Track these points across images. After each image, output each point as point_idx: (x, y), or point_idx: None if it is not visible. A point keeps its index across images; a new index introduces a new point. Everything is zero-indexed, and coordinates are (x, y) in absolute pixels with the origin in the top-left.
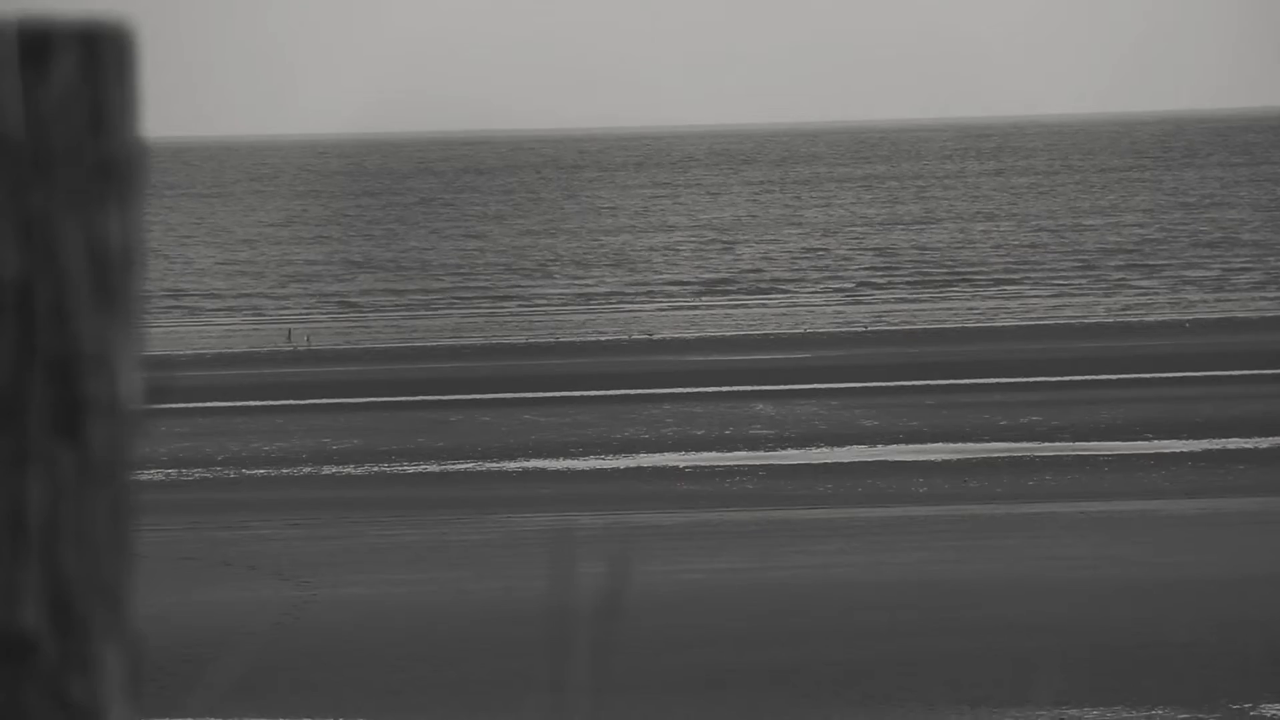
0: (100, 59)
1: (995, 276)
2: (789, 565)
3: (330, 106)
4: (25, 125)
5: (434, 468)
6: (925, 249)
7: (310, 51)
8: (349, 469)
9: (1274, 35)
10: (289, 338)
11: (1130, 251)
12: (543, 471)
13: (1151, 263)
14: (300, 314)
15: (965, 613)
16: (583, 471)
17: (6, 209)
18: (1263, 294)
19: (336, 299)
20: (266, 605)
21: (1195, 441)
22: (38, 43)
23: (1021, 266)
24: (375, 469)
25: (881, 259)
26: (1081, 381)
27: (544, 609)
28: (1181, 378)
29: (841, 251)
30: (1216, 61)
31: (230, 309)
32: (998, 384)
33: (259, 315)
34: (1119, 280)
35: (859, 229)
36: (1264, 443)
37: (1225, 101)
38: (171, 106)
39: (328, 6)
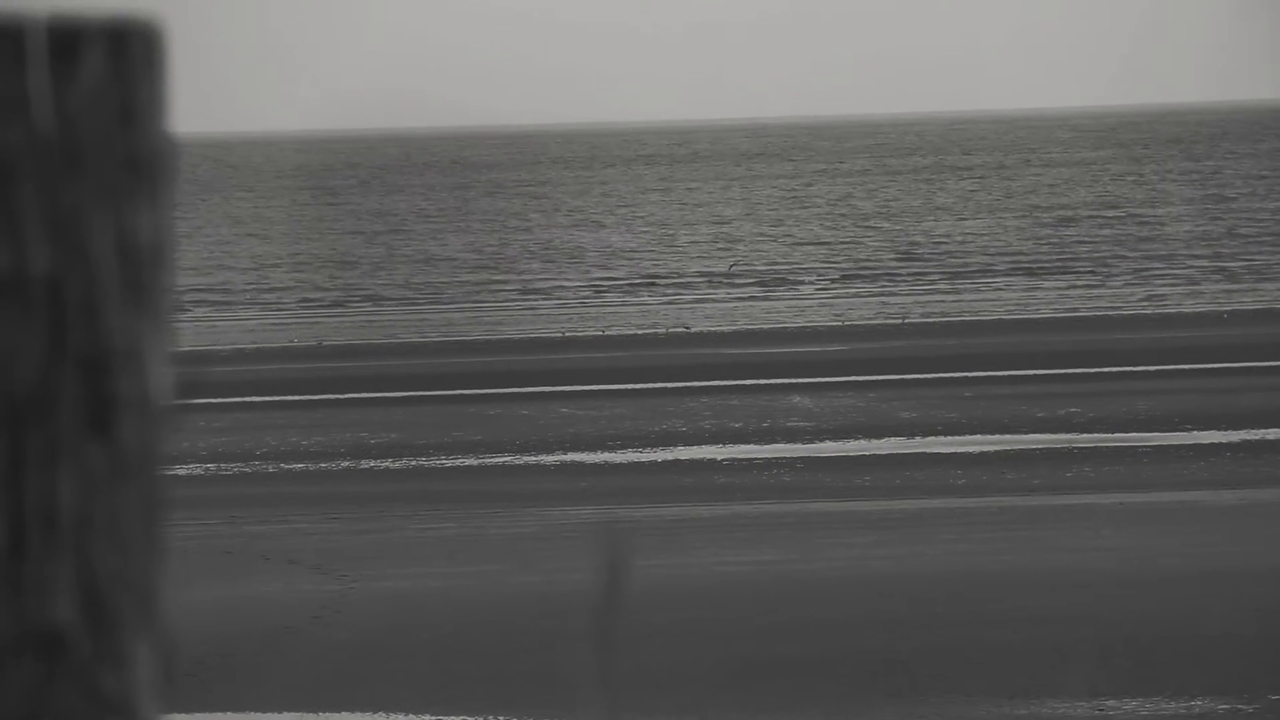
0: (129, 55)
1: (1028, 266)
2: (826, 557)
3: (313, 104)
4: (55, 121)
5: (472, 461)
6: (963, 240)
7: (293, 49)
8: (387, 463)
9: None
10: (297, 339)
11: (1170, 240)
12: (580, 465)
13: (1188, 253)
14: (332, 309)
15: (1003, 604)
16: (620, 464)
17: (37, 205)
18: None
19: (366, 293)
20: (306, 599)
21: (1234, 432)
22: (67, 39)
23: (1060, 256)
24: (413, 463)
25: (916, 250)
26: (1119, 373)
27: (583, 601)
28: (1220, 369)
29: (873, 243)
30: (1217, 55)
31: (263, 303)
32: (1035, 375)
33: (292, 310)
34: (1156, 270)
35: (889, 220)
36: None
37: (1229, 94)
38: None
39: (308, 6)
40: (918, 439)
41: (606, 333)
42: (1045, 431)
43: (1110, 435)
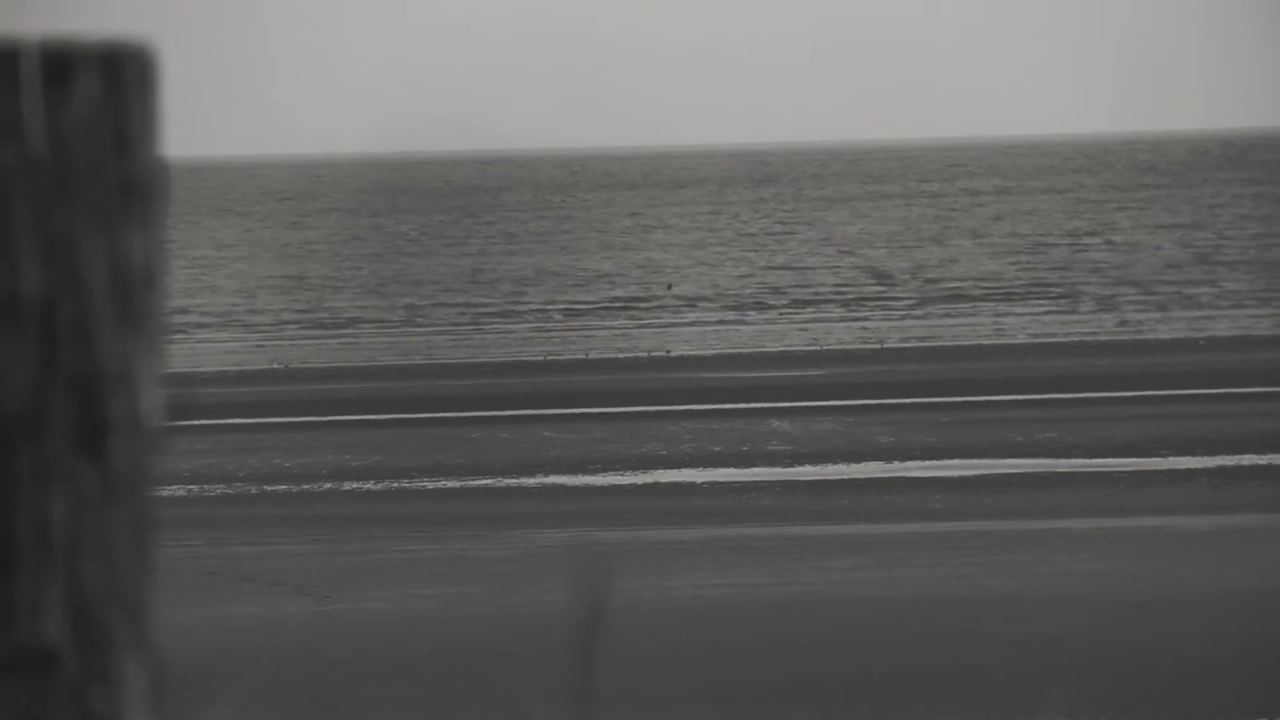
0: (122, 80)
1: (1009, 292)
2: (804, 580)
3: (324, 129)
4: (48, 144)
5: (453, 484)
6: (941, 265)
7: (295, 74)
8: (369, 485)
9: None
10: (272, 361)
11: (1144, 266)
12: (561, 487)
13: (1161, 279)
14: (313, 332)
15: (980, 627)
16: (601, 487)
17: (30, 227)
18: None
19: (348, 316)
20: (288, 620)
21: (1210, 458)
22: (60, 63)
23: (1038, 285)
24: (395, 485)
25: (895, 275)
26: (1095, 398)
27: (564, 623)
28: (1195, 394)
29: (853, 268)
30: (1222, 81)
31: (249, 325)
32: (1012, 400)
33: (274, 332)
34: (1135, 297)
35: (873, 246)
36: (1279, 459)
37: (1231, 121)
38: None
39: (308, 32)
40: (896, 463)
41: (589, 356)
42: (1023, 456)
43: (1087, 460)
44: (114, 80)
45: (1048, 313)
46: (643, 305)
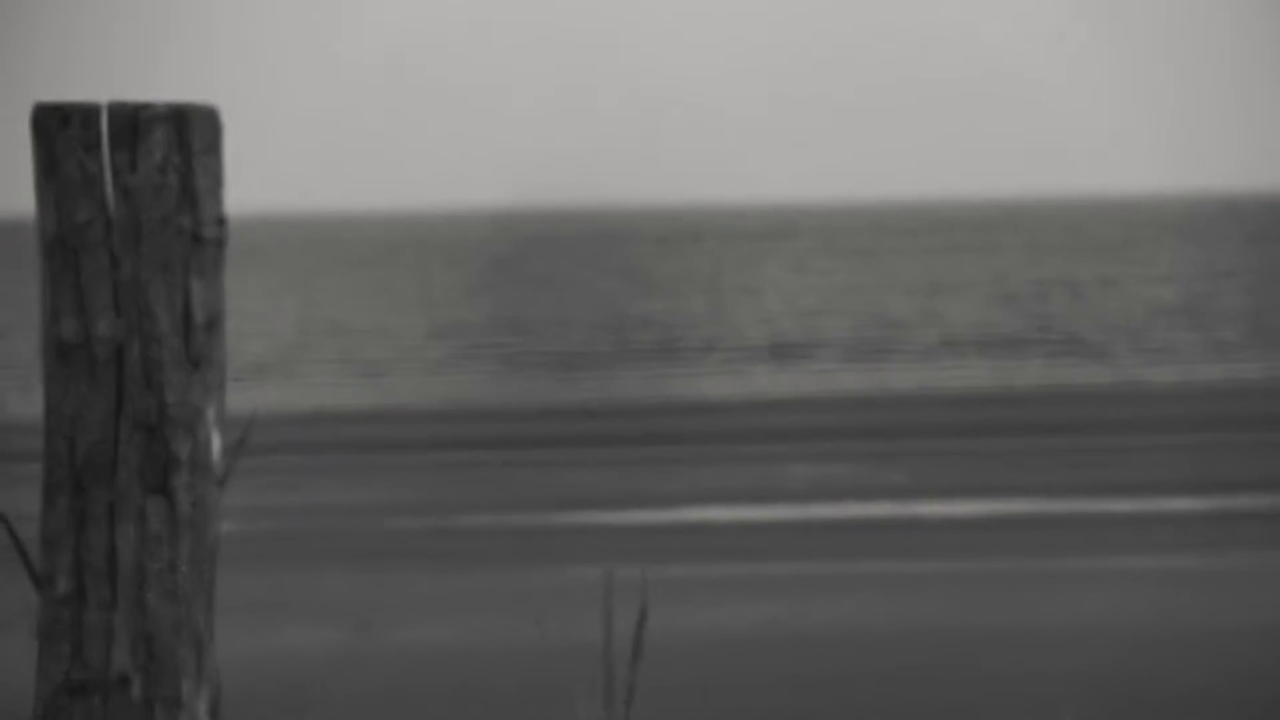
0: (188, 140)
1: (1019, 341)
2: (821, 615)
3: (458, 176)
4: (121, 199)
5: (489, 519)
6: (967, 314)
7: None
8: (407, 520)
9: None
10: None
11: (1142, 315)
12: (590, 524)
13: (1159, 328)
14: (367, 375)
15: (987, 661)
16: (628, 525)
17: (103, 276)
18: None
19: (399, 360)
20: (326, 651)
21: (1206, 499)
22: (133, 125)
23: (1039, 330)
24: (432, 520)
25: (918, 324)
26: (1101, 440)
27: (593, 656)
28: (1194, 436)
29: (877, 316)
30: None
31: (295, 370)
32: (1017, 441)
33: (319, 376)
34: (1129, 343)
35: (898, 295)
36: (1276, 499)
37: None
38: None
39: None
40: (908, 502)
41: (618, 400)
42: (1027, 496)
43: (1088, 500)
44: (181, 141)
45: (1050, 358)
46: (724, 351)
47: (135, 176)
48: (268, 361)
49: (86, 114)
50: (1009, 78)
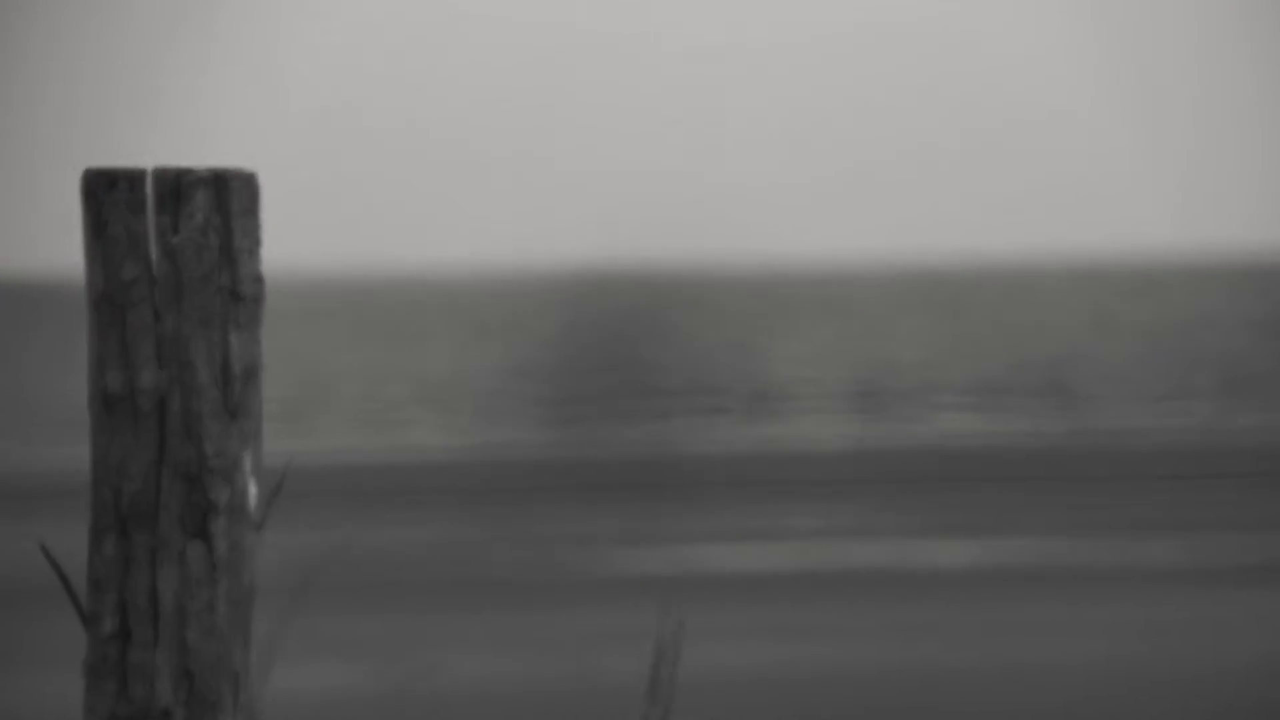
0: (227, 203)
1: (997, 389)
2: (827, 655)
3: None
4: (163, 259)
5: (527, 555)
6: (938, 367)
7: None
8: (445, 561)
9: None
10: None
11: (1129, 367)
12: (626, 567)
13: (1149, 381)
14: (394, 424)
15: (987, 700)
16: (649, 569)
17: (147, 331)
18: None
19: (441, 408)
20: (363, 691)
21: (1194, 539)
22: (176, 188)
23: (1027, 382)
24: (469, 561)
25: (889, 375)
26: (1094, 488)
27: (628, 695)
28: (1183, 480)
29: (886, 369)
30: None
31: (319, 418)
32: (1011, 489)
33: (347, 424)
34: (1115, 395)
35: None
36: (1262, 540)
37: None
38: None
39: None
40: (905, 543)
41: (635, 450)
42: (1023, 538)
43: (1083, 544)
44: (221, 203)
45: (1037, 407)
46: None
47: (178, 237)
48: (302, 408)
49: (133, 179)
50: (1030, 128)
